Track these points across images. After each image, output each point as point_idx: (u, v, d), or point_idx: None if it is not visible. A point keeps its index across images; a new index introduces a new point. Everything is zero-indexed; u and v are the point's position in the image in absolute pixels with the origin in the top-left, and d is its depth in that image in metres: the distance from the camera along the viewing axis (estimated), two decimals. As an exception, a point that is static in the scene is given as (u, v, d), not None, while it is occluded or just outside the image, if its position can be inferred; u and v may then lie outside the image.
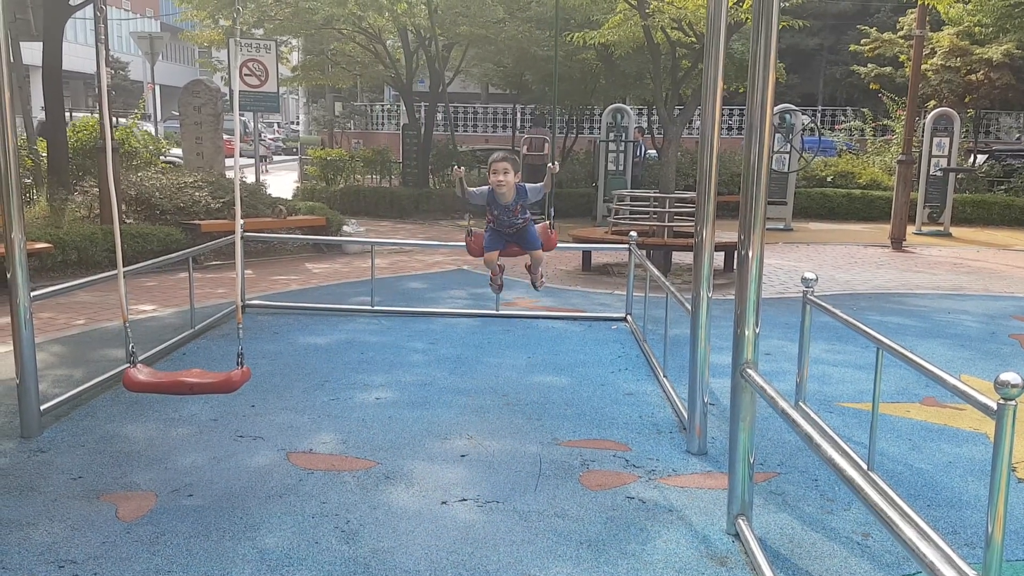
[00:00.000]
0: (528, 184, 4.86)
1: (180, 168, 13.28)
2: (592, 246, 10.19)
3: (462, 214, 5.30)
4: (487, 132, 28.18)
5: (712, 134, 4.06)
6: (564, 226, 13.22)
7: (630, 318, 7.36)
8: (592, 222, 15.23)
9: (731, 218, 7.24)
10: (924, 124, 15.89)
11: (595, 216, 15.63)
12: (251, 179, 13.87)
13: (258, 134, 17.41)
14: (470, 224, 5.04)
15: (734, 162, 16.98)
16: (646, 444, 4.47)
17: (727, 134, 26.34)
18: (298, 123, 44.63)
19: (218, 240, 7.74)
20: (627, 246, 7.38)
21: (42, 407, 4.47)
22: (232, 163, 4.15)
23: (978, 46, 20.37)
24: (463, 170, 4.78)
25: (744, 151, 3.25)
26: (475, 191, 4.89)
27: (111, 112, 8.04)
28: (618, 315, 7.55)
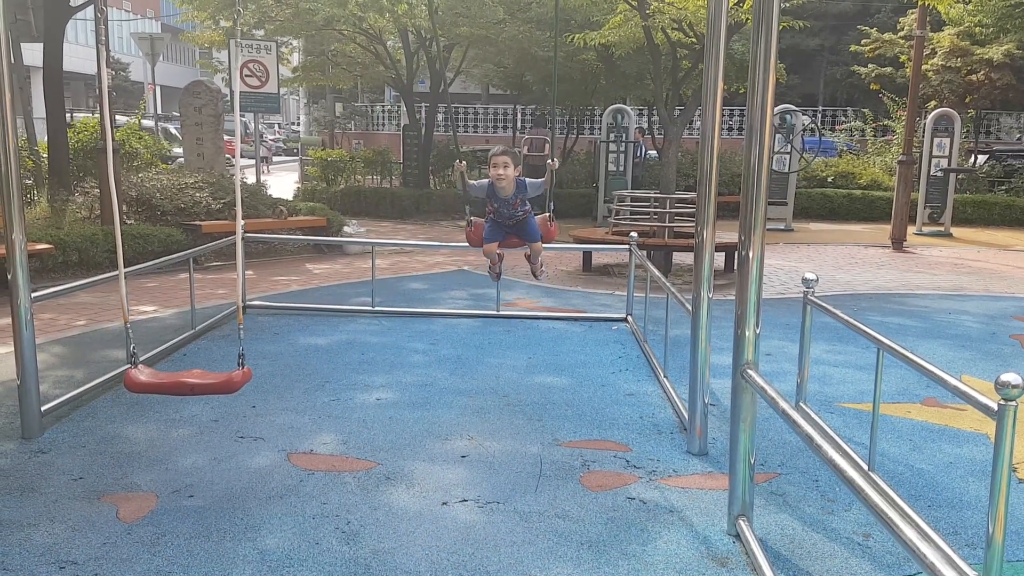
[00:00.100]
0: (528, 179, 4.90)
1: (181, 169, 13.28)
2: (593, 247, 10.20)
3: (462, 215, 5.29)
4: (488, 133, 28.17)
5: (712, 135, 4.07)
6: (564, 226, 13.22)
7: (631, 319, 7.36)
8: (593, 223, 15.24)
9: (732, 218, 7.25)
10: (925, 124, 15.89)
11: (595, 217, 15.64)
12: (252, 180, 13.88)
13: (259, 135, 17.40)
14: (470, 215, 5.07)
15: (734, 162, 16.98)
16: (647, 445, 4.47)
17: (727, 135, 26.35)
18: (299, 124, 44.63)
19: (219, 241, 7.74)
20: (628, 247, 7.38)
21: (43, 408, 4.47)
22: (237, 163, 4.13)
23: (979, 46, 20.39)
24: (465, 164, 4.84)
25: (744, 152, 3.25)
26: (475, 183, 4.97)
27: (112, 112, 8.04)
28: (619, 316, 7.56)
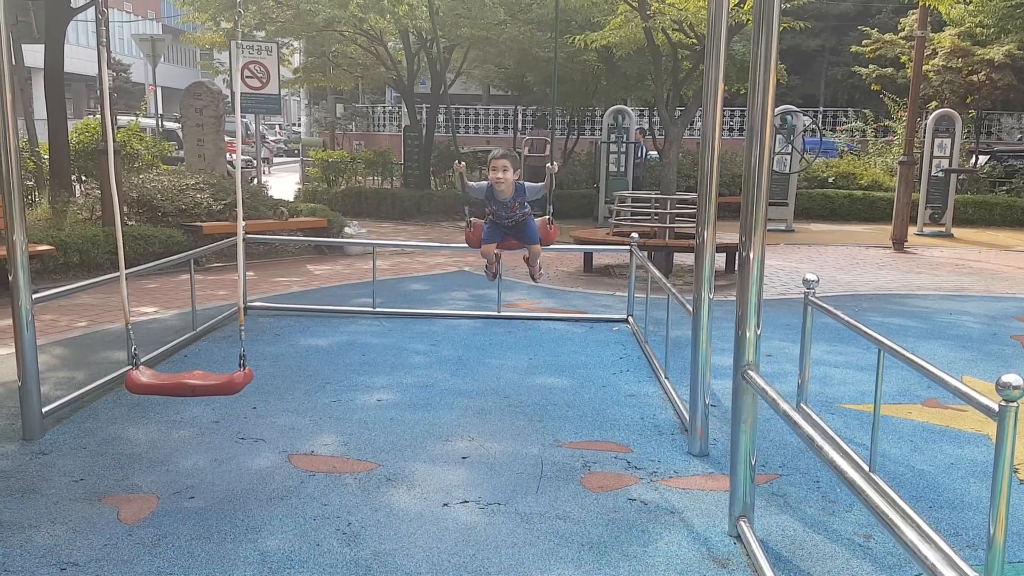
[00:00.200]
0: (527, 183, 4.88)
1: (181, 169, 13.29)
2: (593, 247, 10.20)
3: (463, 216, 5.28)
4: (488, 134, 28.19)
5: (713, 135, 4.06)
6: (565, 227, 13.22)
7: (631, 319, 7.36)
8: (593, 223, 15.23)
9: (732, 219, 7.25)
10: (925, 125, 15.89)
11: (596, 217, 15.64)
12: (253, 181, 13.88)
13: (260, 136, 17.40)
14: (469, 215, 5.06)
15: (735, 163, 16.98)
16: (648, 446, 4.47)
17: (728, 135, 26.36)
18: (299, 125, 44.67)
19: (220, 242, 7.76)
20: (628, 247, 7.38)
21: (44, 409, 4.47)
22: (238, 164, 4.13)
23: (979, 47, 20.39)
24: (464, 164, 4.82)
25: (745, 152, 3.25)
26: (474, 185, 4.94)
27: (113, 113, 8.04)
28: (619, 316, 7.55)
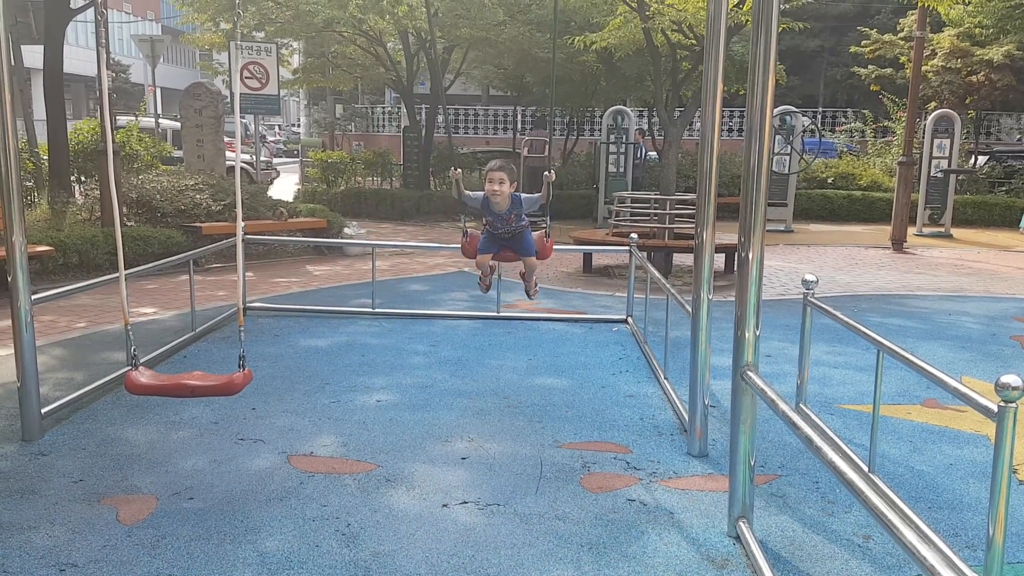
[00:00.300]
0: (524, 194, 4.78)
1: (181, 170, 13.29)
2: (593, 248, 10.19)
3: (461, 219, 5.25)
4: (488, 134, 28.20)
5: (712, 136, 4.07)
6: (565, 228, 13.25)
7: (631, 320, 7.36)
8: (593, 224, 15.25)
9: (732, 220, 7.26)
10: (925, 125, 15.90)
11: (596, 218, 15.65)
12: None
13: (259, 136, 17.40)
14: (466, 225, 5.02)
15: (734, 164, 16.99)
16: (647, 446, 4.47)
17: (727, 136, 26.36)
18: (299, 125, 44.67)
19: (219, 243, 7.75)
20: (628, 248, 7.38)
21: (43, 410, 4.47)
22: (237, 165, 4.13)
23: (979, 47, 20.39)
24: (460, 172, 4.78)
25: (744, 153, 3.25)
26: (471, 195, 4.84)
27: (112, 114, 8.04)
28: (619, 317, 7.56)
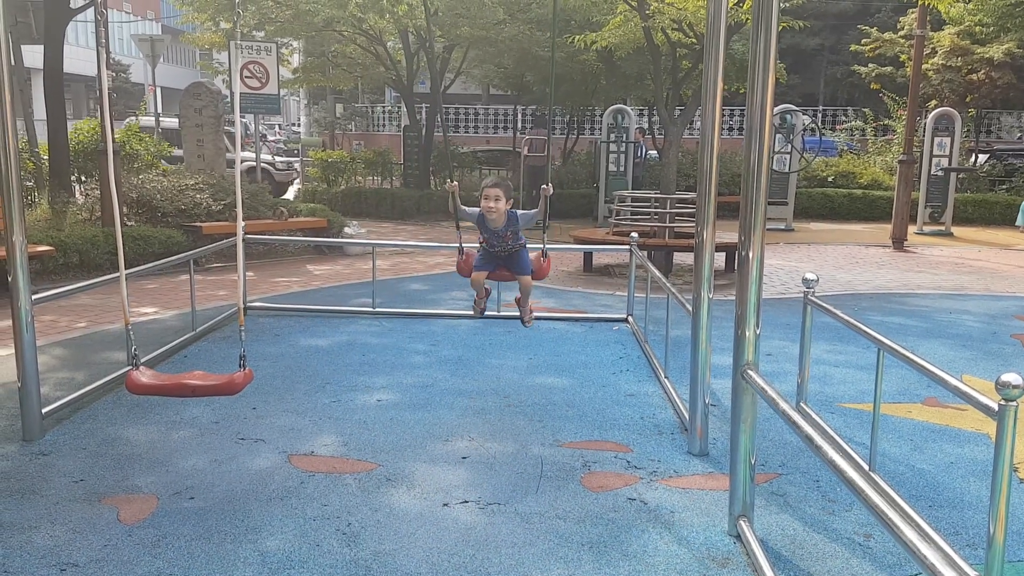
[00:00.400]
0: (520, 211, 4.68)
1: (181, 170, 13.29)
2: (593, 247, 10.19)
3: (457, 231, 5.13)
4: (488, 133, 28.20)
5: (712, 135, 4.07)
6: (565, 227, 13.26)
7: (631, 319, 7.35)
8: (593, 223, 15.25)
9: (732, 218, 7.23)
10: (925, 124, 15.89)
11: (596, 217, 15.65)
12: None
13: (259, 136, 17.40)
14: (461, 242, 4.85)
15: (735, 162, 16.99)
16: (647, 445, 4.47)
17: (728, 135, 26.36)
18: (299, 125, 44.64)
19: (219, 242, 7.75)
20: (628, 247, 7.38)
21: (44, 410, 4.47)
22: (237, 164, 4.13)
23: (979, 45, 20.38)
24: (456, 185, 4.65)
25: (744, 152, 3.25)
26: (467, 210, 4.74)
27: (112, 114, 8.03)
28: (619, 316, 7.55)
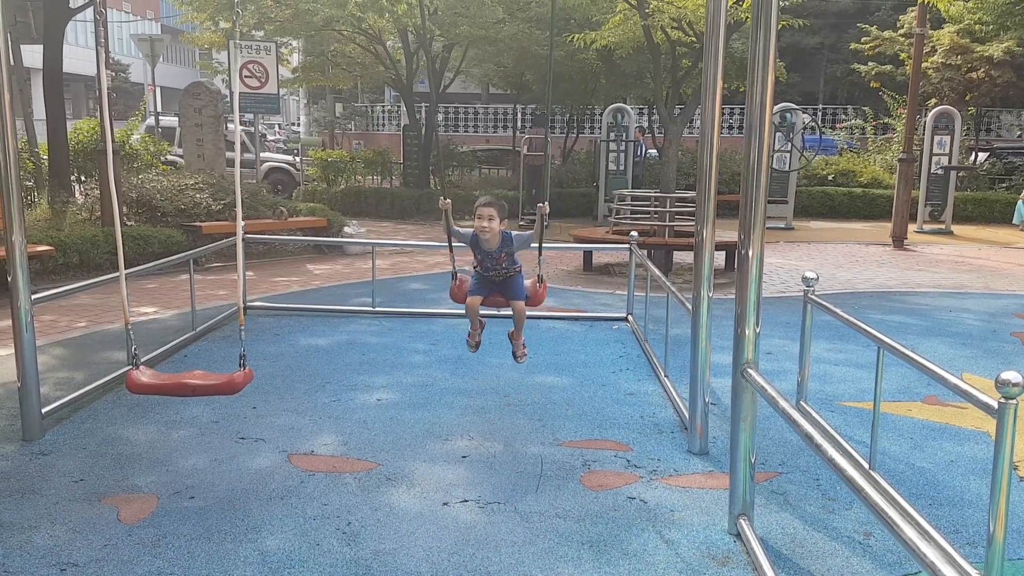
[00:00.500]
0: (515, 232, 4.59)
1: (181, 169, 13.29)
2: (593, 246, 10.19)
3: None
4: (488, 132, 28.19)
5: (712, 133, 4.06)
6: (565, 226, 13.25)
7: (631, 318, 7.35)
8: (593, 222, 15.24)
9: (732, 217, 7.23)
10: (925, 122, 15.88)
11: (596, 216, 15.64)
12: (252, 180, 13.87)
13: (259, 135, 17.39)
14: (455, 267, 4.77)
15: (735, 161, 16.98)
16: (647, 444, 4.47)
17: (727, 133, 26.33)
18: (299, 124, 44.63)
19: (219, 242, 7.75)
20: (628, 246, 7.37)
21: (43, 410, 4.48)
22: (237, 164, 4.11)
23: (979, 44, 20.37)
24: (450, 202, 4.53)
25: (744, 150, 3.25)
26: (460, 230, 4.63)
27: (111, 114, 8.04)
28: (619, 315, 7.55)
